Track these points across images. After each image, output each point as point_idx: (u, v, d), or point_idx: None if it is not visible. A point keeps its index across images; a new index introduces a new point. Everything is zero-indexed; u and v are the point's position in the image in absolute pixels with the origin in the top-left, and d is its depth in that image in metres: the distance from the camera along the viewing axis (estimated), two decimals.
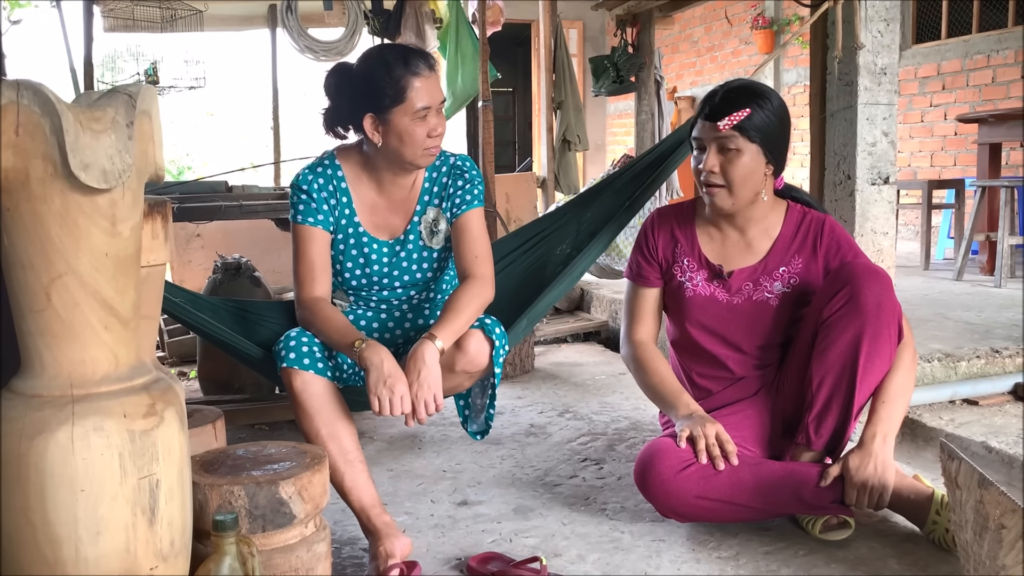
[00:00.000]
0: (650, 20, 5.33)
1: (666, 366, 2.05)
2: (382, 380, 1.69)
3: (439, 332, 1.78)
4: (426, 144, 1.87)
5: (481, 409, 2.03)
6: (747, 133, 1.86)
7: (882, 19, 2.72)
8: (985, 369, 2.76)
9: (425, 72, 1.86)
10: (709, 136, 1.89)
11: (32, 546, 1.14)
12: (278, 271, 4.46)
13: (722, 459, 1.80)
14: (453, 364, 1.84)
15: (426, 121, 1.85)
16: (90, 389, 1.16)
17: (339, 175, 1.96)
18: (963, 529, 1.40)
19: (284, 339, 1.83)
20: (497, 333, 1.89)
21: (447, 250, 2.04)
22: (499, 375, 1.92)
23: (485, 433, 2.04)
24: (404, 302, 2.07)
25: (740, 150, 1.86)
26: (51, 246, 1.12)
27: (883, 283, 1.80)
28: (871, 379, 1.81)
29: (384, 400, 1.68)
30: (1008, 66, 5.93)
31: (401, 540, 1.75)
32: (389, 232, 2.01)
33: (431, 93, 1.86)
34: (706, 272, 2.02)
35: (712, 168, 1.88)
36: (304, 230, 1.93)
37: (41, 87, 1.09)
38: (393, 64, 1.84)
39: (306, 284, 1.91)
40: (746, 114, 1.85)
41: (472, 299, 1.86)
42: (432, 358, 1.74)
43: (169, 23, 5.35)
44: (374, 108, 1.85)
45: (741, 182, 1.89)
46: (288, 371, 1.79)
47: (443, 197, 2.00)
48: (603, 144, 10.64)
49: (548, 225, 2.44)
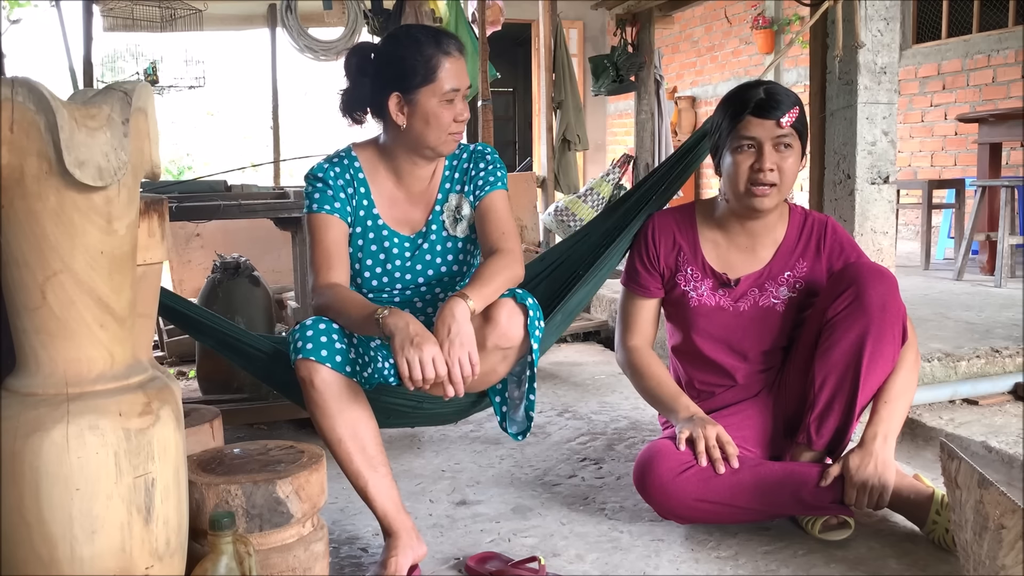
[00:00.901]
0: (650, 20, 5.33)
1: (663, 369, 2.03)
2: (409, 340, 1.52)
3: (469, 292, 1.64)
4: (451, 129, 1.81)
5: (520, 401, 1.88)
6: (799, 131, 1.87)
7: (882, 18, 2.71)
8: (985, 369, 2.75)
9: (456, 54, 1.80)
10: (767, 135, 1.84)
11: (27, 545, 1.13)
12: (277, 271, 4.45)
13: (722, 461, 1.79)
14: (484, 340, 1.69)
15: (453, 105, 1.79)
16: (85, 387, 1.16)
17: (356, 166, 1.90)
18: (963, 529, 1.39)
19: (300, 328, 1.67)
20: (530, 303, 1.75)
21: (471, 242, 1.95)
22: (538, 353, 1.77)
23: (526, 432, 1.90)
24: (428, 303, 1.97)
25: (793, 147, 1.86)
26: (46, 244, 1.12)
27: (888, 283, 1.80)
28: (874, 379, 1.81)
29: (414, 362, 1.51)
30: (1008, 66, 5.93)
31: (417, 550, 1.70)
32: (410, 227, 1.93)
33: (459, 76, 1.80)
34: (712, 281, 1.98)
35: (772, 167, 1.84)
36: (320, 218, 1.82)
37: (36, 84, 1.08)
38: (424, 42, 1.78)
39: (322, 271, 1.79)
40: (798, 111, 1.85)
41: (502, 269, 1.73)
42: (463, 315, 1.59)
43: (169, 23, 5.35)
44: (401, 87, 1.78)
45: (790, 180, 1.88)
46: (305, 363, 1.63)
47: (465, 181, 1.93)
48: (603, 144, 10.64)
49: (572, 244, 2.27)
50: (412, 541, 1.71)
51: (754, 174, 1.85)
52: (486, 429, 2.68)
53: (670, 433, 1.91)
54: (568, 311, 2.08)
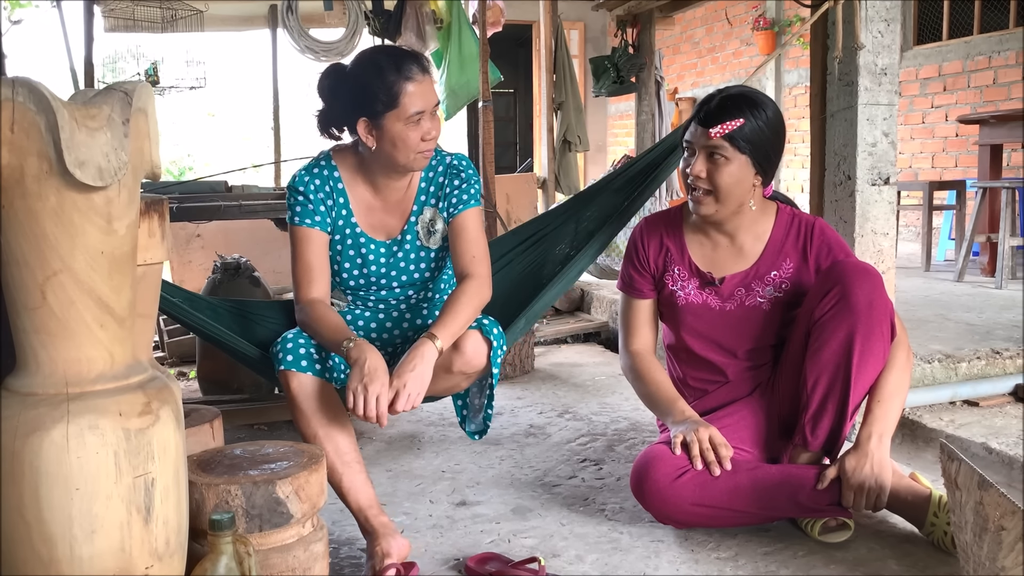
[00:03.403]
0: (651, 21, 5.32)
1: (663, 374, 2.05)
2: (360, 377, 1.67)
3: (438, 332, 1.77)
4: (419, 148, 1.86)
5: (479, 409, 2.02)
6: (737, 143, 1.84)
7: (883, 19, 2.71)
8: (985, 370, 2.75)
9: (418, 76, 1.84)
10: (700, 142, 1.87)
11: (27, 544, 1.13)
12: (278, 271, 4.46)
13: (717, 464, 1.79)
14: (451, 365, 1.84)
15: (419, 125, 1.84)
16: (85, 387, 1.16)
17: (335, 175, 1.96)
18: (963, 530, 1.39)
19: (281, 341, 1.84)
20: (495, 334, 1.88)
21: (444, 250, 2.03)
22: (497, 376, 1.91)
23: (483, 433, 2.04)
24: (402, 302, 2.07)
25: (728, 159, 1.85)
26: (46, 244, 1.12)
27: (874, 281, 1.79)
28: (865, 378, 1.81)
29: (359, 397, 1.66)
30: (1009, 67, 5.93)
31: (398, 540, 1.75)
32: (386, 233, 2.00)
33: (424, 97, 1.84)
34: (697, 280, 2.01)
35: (699, 174, 1.87)
36: (301, 232, 1.92)
37: (36, 84, 1.08)
38: (386, 69, 1.82)
39: (303, 286, 1.92)
40: (738, 124, 1.83)
41: (470, 300, 1.85)
42: (430, 357, 1.74)
43: (170, 23, 5.35)
44: (367, 113, 1.84)
45: (727, 191, 1.87)
46: (285, 373, 1.80)
47: (439, 197, 1.99)
48: (604, 145, 10.64)
49: (546, 224, 2.42)
50: (391, 532, 1.76)
51: (688, 177, 1.91)
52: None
53: (666, 437, 1.91)
54: (532, 316, 2.23)
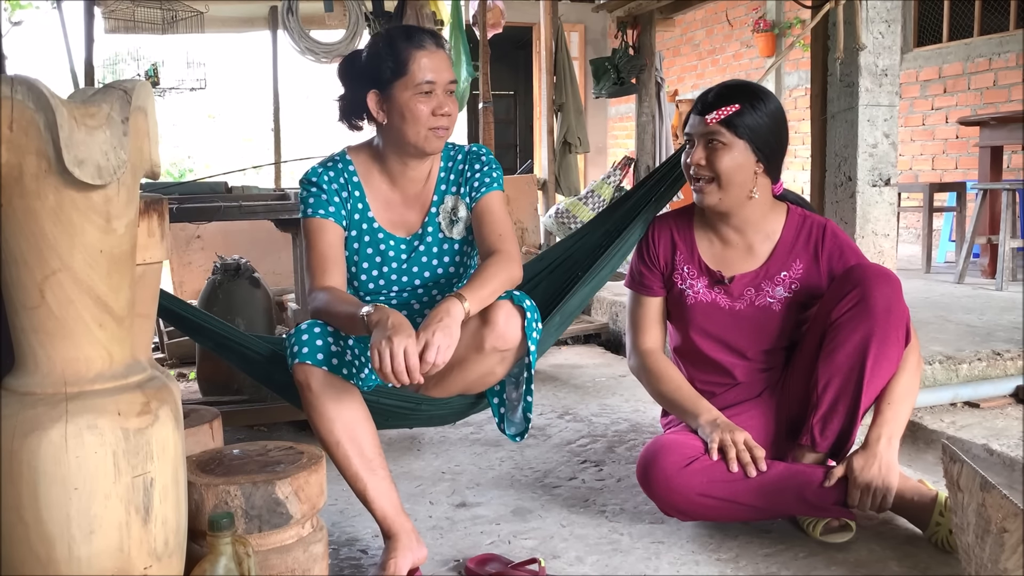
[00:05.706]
0: (651, 22, 5.32)
1: (679, 373, 2.03)
2: (384, 333, 1.51)
3: (466, 293, 1.62)
4: (431, 123, 1.78)
5: (517, 402, 1.88)
6: (735, 128, 1.85)
7: (883, 20, 2.71)
8: (986, 372, 2.75)
9: (430, 46, 1.79)
10: (698, 130, 1.89)
11: (25, 544, 1.13)
12: (278, 272, 4.45)
13: (752, 465, 1.79)
14: (482, 342, 1.70)
15: (430, 98, 1.77)
16: (84, 387, 1.16)
17: (351, 170, 1.90)
18: (965, 532, 1.39)
19: (295, 332, 1.68)
20: (528, 305, 1.73)
21: (468, 243, 1.95)
22: (535, 355, 1.76)
23: (524, 433, 1.89)
24: (425, 304, 1.96)
25: (727, 144, 1.85)
26: (45, 242, 1.12)
27: (893, 286, 1.80)
28: (878, 381, 1.80)
29: (384, 353, 1.49)
30: (1009, 69, 5.93)
31: (416, 552, 1.69)
32: (406, 229, 1.93)
33: (436, 69, 1.77)
34: (706, 279, 2.00)
35: (698, 161, 1.88)
36: (315, 223, 1.83)
37: (35, 82, 1.08)
38: (396, 38, 1.79)
39: (318, 275, 1.80)
40: (735, 109, 1.84)
41: (499, 270, 1.72)
42: (457, 314, 1.58)
43: (170, 25, 5.35)
44: (377, 84, 1.79)
45: (728, 176, 1.87)
46: (301, 368, 1.64)
47: (460, 183, 1.92)
48: (604, 146, 10.65)
49: (572, 243, 2.26)
50: (412, 543, 1.70)
51: (689, 168, 1.92)
52: (486, 431, 2.67)
53: (672, 434, 1.91)
54: (567, 313, 2.06)
